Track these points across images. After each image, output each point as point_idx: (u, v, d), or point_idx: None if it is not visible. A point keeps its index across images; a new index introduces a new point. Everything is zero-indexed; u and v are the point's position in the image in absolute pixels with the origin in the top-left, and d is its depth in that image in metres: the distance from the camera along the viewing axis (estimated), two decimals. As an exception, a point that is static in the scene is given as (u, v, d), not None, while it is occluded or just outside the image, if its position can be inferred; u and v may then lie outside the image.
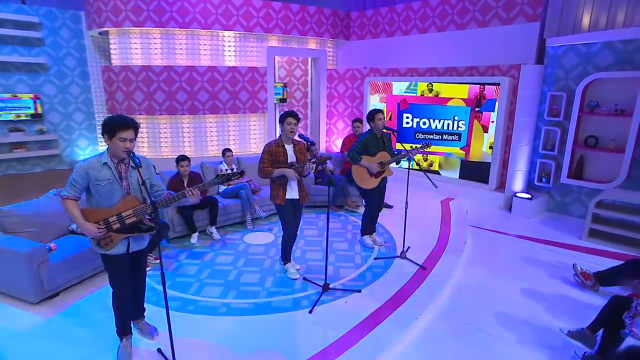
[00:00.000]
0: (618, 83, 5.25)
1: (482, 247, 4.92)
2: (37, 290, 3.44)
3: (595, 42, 5.42)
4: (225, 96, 7.77)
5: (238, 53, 7.92)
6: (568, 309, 3.62)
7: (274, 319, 3.36)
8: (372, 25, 8.48)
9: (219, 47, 7.75)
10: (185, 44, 7.52)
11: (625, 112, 5.19)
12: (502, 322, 3.40)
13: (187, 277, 4.03)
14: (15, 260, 3.38)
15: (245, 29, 7.67)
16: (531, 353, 3.01)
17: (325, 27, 8.50)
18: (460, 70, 6.95)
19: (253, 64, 8.06)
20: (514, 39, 6.34)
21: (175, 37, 7.47)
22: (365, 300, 3.65)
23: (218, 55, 7.75)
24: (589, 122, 5.60)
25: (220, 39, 7.74)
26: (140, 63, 7.45)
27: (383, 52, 8.29)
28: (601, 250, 4.85)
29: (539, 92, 6.08)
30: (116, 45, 7.58)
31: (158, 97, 7.43)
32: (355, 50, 8.89)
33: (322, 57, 8.68)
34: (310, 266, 4.31)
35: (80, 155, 8.63)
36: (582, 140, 5.64)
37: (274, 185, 3.82)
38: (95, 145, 8.75)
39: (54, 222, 3.97)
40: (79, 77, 8.40)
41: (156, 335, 3.08)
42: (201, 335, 3.10)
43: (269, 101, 8.21)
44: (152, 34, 7.39)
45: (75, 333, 3.15)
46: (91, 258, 3.83)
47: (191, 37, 7.53)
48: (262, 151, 3.75)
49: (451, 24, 7.16)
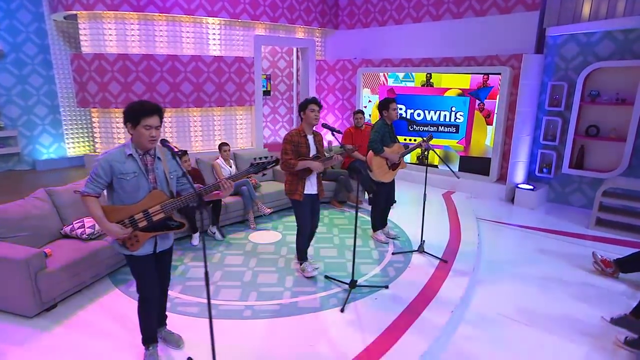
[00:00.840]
0: (618, 72, 5.54)
1: (493, 239, 5.04)
2: (34, 302, 3.16)
3: (596, 32, 5.68)
4: (211, 88, 7.54)
5: (223, 42, 7.70)
6: (594, 296, 3.77)
7: (306, 320, 3.27)
8: (363, 14, 8.50)
9: (203, 35, 7.51)
10: (166, 31, 7.22)
11: (626, 101, 5.48)
12: (533, 313, 3.48)
13: (199, 281, 3.85)
14: (8, 269, 3.10)
15: (231, 16, 7.46)
16: (573, 342, 3.09)
17: (313, 15, 8.44)
18: (458, 60, 7.10)
19: (239, 54, 7.87)
20: (512, 29, 6.53)
21: (155, 24, 7.15)
22: (394, 296, 3.63)
23: (202, 43, 7.50)
24: (590, 112, 5.86)
25: (204, 26, 7.49)
26: (116, 51, 7.08)
27: (375, 42, 8.32)
28: (610, 238, 5.09)
29: (539, 83, 6.30)
30: (87, 31, 7.16)
31: (137, 88, 7.09)
32: (344, 40, 8.88)
33: (311, 47, 8.61)
34: (327, 264, 4.24)
35: (44, 154, 8.10)
36: (583, 130, 5.91)
37: (293, 179, 3.71)
38: (61, 142, 8.23)
39: (44, 225, 3.68)
40: (40, 66, 7.87)
41: (182, 344, 2.91)
42: (233, 341, 2.97)
43: (257, 93, 8.05)
44: (128, 19, 7.04)
45: (87, 345, 2.93)
46: (90, 264, 3.58)
47: (172, 23, 7.24)
48: (283, 142, 3.64)
49: (447, 13, 7.30)
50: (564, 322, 3.35)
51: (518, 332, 3.22)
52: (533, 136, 6.53)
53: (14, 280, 3.10)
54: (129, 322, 3.19)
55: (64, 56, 7.96)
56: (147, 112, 2.38)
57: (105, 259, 3.71)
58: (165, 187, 2.58)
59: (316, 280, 3.90)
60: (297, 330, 3.14)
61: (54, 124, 8.15)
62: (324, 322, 3.26)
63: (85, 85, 7.16)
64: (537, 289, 3.87)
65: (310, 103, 3.66)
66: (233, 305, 3.46)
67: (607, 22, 5.54)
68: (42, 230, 3.64)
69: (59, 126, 8.20)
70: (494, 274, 4.16)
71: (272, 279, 3.92)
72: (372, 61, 8.11)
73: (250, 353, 2.87)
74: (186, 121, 7.63)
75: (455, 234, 5.09)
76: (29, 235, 3.50)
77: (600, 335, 3.17)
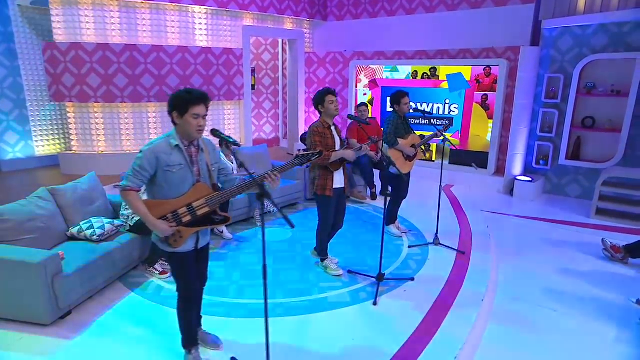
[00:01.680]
0: (613, 64, 5.94)
1: (500, 230, 5.29)
2: (51, 309, 3.06)
3: (591, 25, 6.06)
4: (198, 81, 7.43)
5: (211, 32, 7.61)
6: (610, 281, 4.05)
7: (340, 314, 3.36)
8: (352, 5, 8.63)
9: (189, 25, 7.40)
10: (149, 20, 7.06)
11: (620, 93, 5.88)
12: (556, 299, 3.70)
13: (218, 281, 3.84)
14: (23, 274, 2.98)
15: (219, 5, 7.39)
16: (600, 325, 3.32)
17: (302, 5, 8.48)
18: (453, 53, 7.35)
19: (227, 45, 7.80)
20: (508, 21, 6.85)
21: (138, 11, 6.98)
22: (421, 287, 3.78)
23: (188, 34, 7.39)
24: (585, 104, 6.25)
25: (190, 15, 7.38)
26: (95, 40, 6.85)
27: (366, 35, 8.47)
28: (611, 226, 5.46)
29: (535, 75, 6.64)
30: (60, 18, 6.88)
31: (119, 81, 6.90)
32: (333, 32, 8.98)
33: (300, 38, 8.65)
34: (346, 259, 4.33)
35: (9, 154, 7.71)
36: (579, 121, 6.29)
37: (322, 174, 3.71)
38: (29, 140, 7.86)
39: (51, 226, 3.54)
40: (3, 56, 7.47)
41: (221, 344, 2.91)
42: (272, 339, 2.99)
43: (246, 87, 8.01)
44: (108, 6, 6.83)
45: (119, 353, 2.87)
46: (105, 267, 3.50)
47: (157, 12, 7.09)
48: (309, 135, 3.68)
49: (441, 5, 7.54)
50: (588, 305, 3.60)
51: (548, 316, 3.42)
52: (530, 128, 6.87)
53: (30, 286, 2.99)
54: (157, 326, 3.15)
55: (30, 45, 7.60)
56: (195, 100, 2.38)
57: (119, 260, 3.63)
58: (207, 180, 2.58)
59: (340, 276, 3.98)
60: (335, 325, 3.22)
61: (20, 120, 7.76)
62: (358, 316, 3.35)
63: (60, 77, 6.89)
64: (555, 276, 4.12)
65: (327, 94, 3.65)
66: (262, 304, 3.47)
67: (602, 15, 5.92)
68: (49, 232, 3.51)
69: (26, 122, 7.82)
70: (508, 264, 4.37)
71: (295, 276, 3.97)
72: (364, 54, 8.25)
73: (294, 350, 2.92)
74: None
75: (465, 226, 5.30)
76: (36, 238, 3.37)
77: (626, 316, 3.43)
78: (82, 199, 3.91)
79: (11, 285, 3.03)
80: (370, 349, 2.95)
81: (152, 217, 2.39)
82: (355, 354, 2.91)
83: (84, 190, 3.98)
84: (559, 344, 3.08)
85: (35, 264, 2.96)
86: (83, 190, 3.97)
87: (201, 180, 2.55)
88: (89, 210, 3.92)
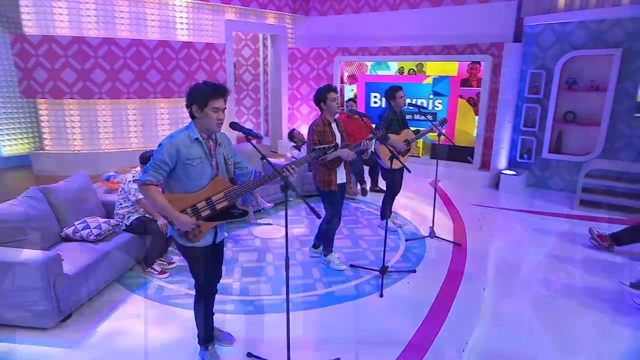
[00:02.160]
0: (592, 60, 6.31)
1: (491, 223, 5.54)
2: (53, 311, 3.01)
3: (570, 22, 6.41)
4: (180, 77, 7.36)
5: (191, 26, 7.55)
6: (599, 267, 4.34)
7: (349, 307, 3.47)
8: (335, 0, 8.74)
9: (170, 19, 7.31)
10: (127, 12, 6.94)
11: (599, 88, 6.26)
12: (552, 286, 3.94)
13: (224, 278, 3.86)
14: (24, 275, 2.92)
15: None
16: (596, 308, 3.58)
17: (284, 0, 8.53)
18: (437, 49, 7.59)
19: (209, 40, 7.76)
20: (491, 17, 7.13)
21: (115, 3, 6.85)
22: (424, 279, 3.95)
23: (168, 27, 7.31)
24: (567, 99, 6.60)
25: (170, 8, 7.29)
26: (69, 33, 6.67)
27: (350, 30, 8.59)
28: (594, 217, 5.81)
29: (518, 71, 6.96)
30: (30, 9, 6.65)
31: (96, 76, 6.75)
32: (316, 28, 9.07)
33: (282, 33, 8.69)
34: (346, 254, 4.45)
35: (-25, 154, 7.40)
36: (560, 116, 6.64)
37: (324, 171, 3.82)
38: (-4, 140, 7.57)
39: (45, 226, 3.48)
40: (-37, 50, 7.19)
41: (234, 340, 2.96)
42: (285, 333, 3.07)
43: (229, 83, 7.98)
44: (83, -2, 6.68)
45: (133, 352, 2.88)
46: (105, 267, 3.47)
47: (135, 4, 6.97)
48: (309, 133, 3.76)
49: (425, 1, 7.77)
50: (582, 291, 3.85)
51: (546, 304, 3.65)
52: (513, 123, 7.19)
53: (31, 288, 2.94)
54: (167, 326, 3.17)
55: (-4, 38, 7.33)
56: (215, 94, 2.42)
57: (118, 261, 3.61)
58: (225, 174, 2.63)
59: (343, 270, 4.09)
60: (344, 318, 3.33)
61: (-15, 118, 7.47)
62: (366, 308, 3.47)
63: (32, 72, 6.67)
64: (546, 266, 4.37)
65: (329, 92, 3.74)
66: (270, 300, 3.55)
67: (581, 12, 6.28)
68: (44, 233, 3.45)
69: (-7, 121, 7.53)
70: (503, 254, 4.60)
71: (298, 272, 4.05)
72: (348, 49, 8.38)
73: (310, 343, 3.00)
74: (152, 113, 7.39)
75: (457, 219, 5.52)
76: (30, 239, 3.30)
77: (619, 299, 3.70)
78: (74, 199, 3.85)
79: (9, 288, 2.96)
80: (384, 338, 3.08)
81: (176, 211, 2.41)
82: (370, 343, 3.03)
83: (75, 190, 3.92)
84: (560, 328, 3.30)
85: (37, 265, 2.92)
86: (74, 190, 3.91)
87: (219, 173, 2.59)
88: (82, 209, 3.86)
